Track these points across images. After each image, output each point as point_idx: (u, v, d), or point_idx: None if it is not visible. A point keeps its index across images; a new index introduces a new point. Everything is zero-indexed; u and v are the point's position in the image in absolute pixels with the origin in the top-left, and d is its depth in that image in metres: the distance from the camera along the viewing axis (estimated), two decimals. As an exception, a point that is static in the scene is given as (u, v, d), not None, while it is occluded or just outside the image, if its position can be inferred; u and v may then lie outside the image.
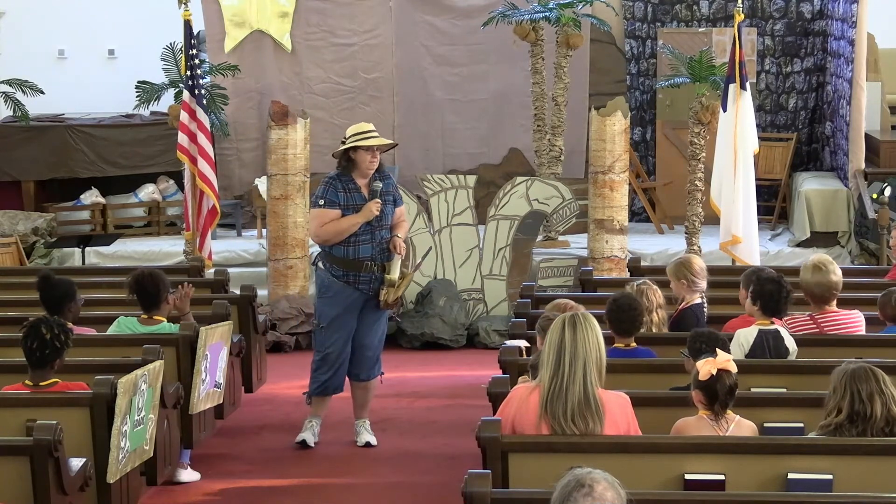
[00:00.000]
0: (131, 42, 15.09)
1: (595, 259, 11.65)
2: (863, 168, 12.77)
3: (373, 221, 8.36)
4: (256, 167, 14.03)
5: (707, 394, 5.71)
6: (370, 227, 8.37)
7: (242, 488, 7.87)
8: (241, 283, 9.77)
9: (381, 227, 8.42)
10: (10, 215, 13.03)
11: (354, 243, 8.38)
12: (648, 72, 14.53)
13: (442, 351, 11.50)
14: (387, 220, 8.45)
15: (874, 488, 5.31)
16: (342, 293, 8.44)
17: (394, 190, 8.56)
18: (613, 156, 11.58)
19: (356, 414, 8.75)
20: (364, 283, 8.42)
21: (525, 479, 5.45)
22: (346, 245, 8.39)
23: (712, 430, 5.68)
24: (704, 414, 5.73)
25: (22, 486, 5.83)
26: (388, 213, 8.46)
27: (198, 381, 7.68)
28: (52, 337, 6.39)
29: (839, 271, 7.49)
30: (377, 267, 8.40)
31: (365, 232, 8.36)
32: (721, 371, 5.68)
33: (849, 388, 5.40)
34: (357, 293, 8.43)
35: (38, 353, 6.41)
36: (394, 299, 8.42)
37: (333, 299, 8.47)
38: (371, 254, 8.39)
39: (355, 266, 8.39)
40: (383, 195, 8.44)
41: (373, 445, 8.63)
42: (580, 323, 5.49)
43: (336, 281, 8.44)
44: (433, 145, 14.50)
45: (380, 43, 14.34)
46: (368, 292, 8.44)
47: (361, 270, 8.39)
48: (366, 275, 8.40)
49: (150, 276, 7.89)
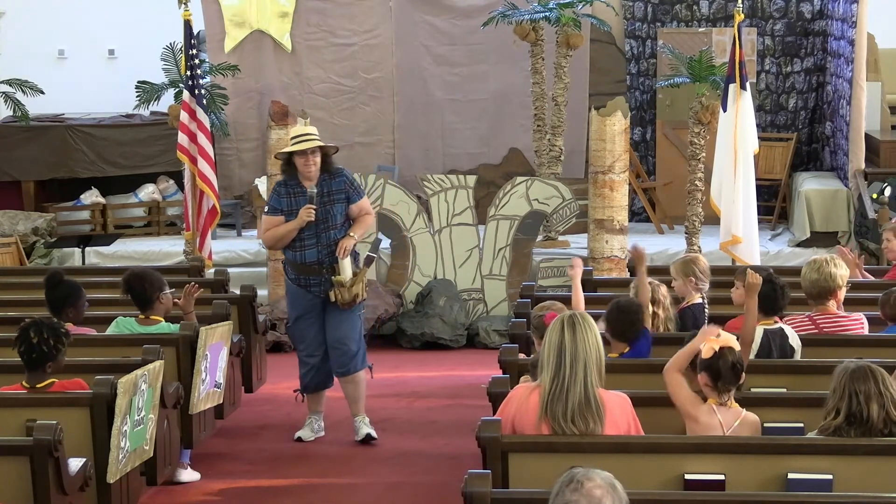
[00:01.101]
0: (131, 42, 15.10)
1: (595, 259, 11.65)
2: (863, 168, 12.77)
3: (318, 224, 8.44)
4: (256, 167, 14.03)
5: (711, 373, 5.76)
6: (315, 231, 8.46)
7: (242, 488, 7.87)
8: (241, 283, 9.77)
9: (328, 228, 8.48)
10: (10, 215, 13.03)
11: (301, 248, 8.53)
12: (648, 72, 14.54)
13: (442, 351, 11.50)
14: (334, 221, 8.49)
15: (874, 488, 5.31)
16: (298, 295, 8.64)
17: (347, 187, 8.56)
18: (613, 156, 11.58)
19: (351, 410, 8.81)
20: (315, 286, 8.55)
21: (525, 479, 5.45)
22: (294, 249, 8.56)
23: (716, 421, 5.72)
24: (713, 402, 5.78)
25: (22, 486, 5.83)
26: (336, 212, 8.49)
27: (198, 381, 7.68)
28: (39, 341, 6.36)
29: (841, 271, 7.47)
30: (326, 269, 8.49)
31: (310, 236, 8.48)
32: (723, 349, 5.75)
33: (847, 389, 5.40)
34: (310, 295, 8.58)
35: (27, 356, 6.42)
36: (350, 298, 8.47)
37: (293, 301, 8.70)
38: (317, 257, 8.50)
39: (305, 270, 8.54)
40: (328, 195, 8.48)
41: (374, 438, 8.68)
42: (579, 323, 5.49)
43: (291, 284, 8.65)
44: (433, 145, 14.50)
45: (380, 43, 14.34)
46: (320, 294, 8.55)
47: (310, 273, 8.52)
48: (315, 277, 8.52)
49: (137, 276, 7.89)
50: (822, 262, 7.49)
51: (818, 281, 7.44)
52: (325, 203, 8.48)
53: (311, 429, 8.82)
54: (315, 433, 8.82)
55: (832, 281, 7.44)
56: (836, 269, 7.45)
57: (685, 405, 5.84)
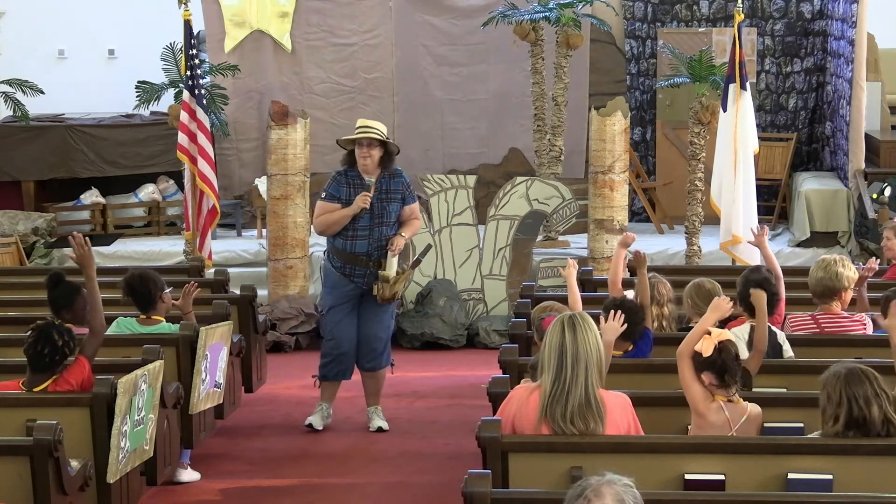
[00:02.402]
0: (131, 42, 15.09)
1: (595, 259, 11.65)
2: (863, 168, 12.77)
3: (374, 218, 8.64)
4: (256, 167, 14.03)
5: (716, 370, 5.77)
6: (369, 224, 8.67)
7: (242, 488, 7.88)
8: (241, 283, 9.78)
9: (382, 223, 8.69)
10: (10, 215, 13.03)
11: (352, 237, 8.71)
12: (648, 72, 14.54)
13: (442, 351, 11.51)
14: (388, 218, 8.70)
15: (874, 488, 5.31)
16: (339, 283, 8.80)
17: (403, 189, 8.82)
18: (613, 156, 11.59)
19: (367, 401, 9.10)
20: (359, 277, 8.74)
21: (525, 479, 5.45)
22: (345, 238, 8.72)
23: (724, 418, 5.73)
24: (721, 400, 5.79)
25: (22, 486, 5.83)
26: (391, 210, 8.72)
27: (198, 381, 7.68)
28: (63, 344, 6.42)
29: (849, 272, 7.45)
30: (373, 262, 8.67)
31: (364, 227, 8.68)
32: (723, 342, 5.77)
33: (845, 395, 5.36)
34: (352, 285, 8.76)
35: (48, 357, 6.42)
36: (390, 295, 8.69)
37: (332, 289, 8.88)
38: (367, 249, 8.70)
39: (352, 259, 8.72)
40: (386, 192, 8.71)
41: (385, 430, 8.93)
42: (579, 324, 5.49)
43: (334, 271, 8.82)
44: (433, 145, 14.49)
45: (380, 43, 14.34)
46: (363, 286, 8.74)
47: (357, 264, 8.71)
48: (361, 269, 8.72)
49: (139, 277, 7.89)
50: (829, 262, 7.49)
51: (823, 279, 7.44)
52: (381, 199, 8.72)
53: (322, 416, 9.03)
54: (324, 420, 9.04)
55: (837, 281, 7.43)
56: (842, 270, 7.44)
57: (696, 402, 5.82)
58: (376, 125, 8.75)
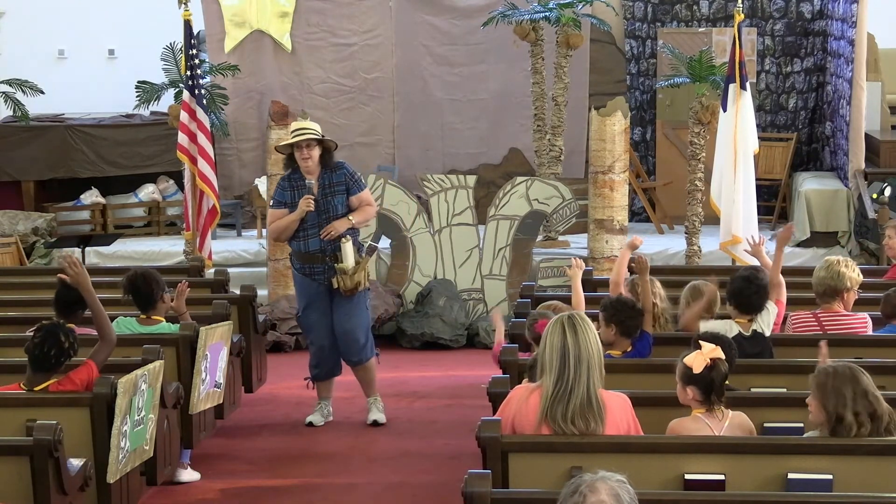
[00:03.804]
0: (131, 42, 15.10)
1: (595, 259, 11.65)
2: (863, 168, 12.77)
3: (321, 214, 8.77)
4: (256, 167, 14.03)
5: (702, 386, 5.68)
6: (318, 220, 8.79)
7: (242, 488, 7.87)
8: (241, 283, 9.80)
9: (329, 218, 8.79)
10: (10, 215, 13.03)
11: (304, 237, 8.85)
12: (648, 72, 14.54)
13: (442, 351, 11.51)
14: (335, 211, 8.81)
15: (874, 488, 5.31)
16: (304, 284, 8.96)
17: (346, 179, 8.88)
18: (613, 156, 11.58)
19: (365, 392, 9.23)
20: (319, 274, 8.88)
21: (525, 479, 5.45)
22: (298, 239, 8.88)
23: (708, 429, 5.67)
24: (699, 413, 5.71)
25: (22, 486, 5.83)
26: (336, 203, 8.80)
27: (198, 381, 7.68)
28: (69, 346, 6.43)
29: (852, 273, 7.47)
30: (329, 257, 8.80)
31: (313, 225, 8.81)
32: (715, 360, 5.69)
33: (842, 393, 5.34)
34: (315, 284, 8.88)
35: (54, 359, 6.42)
36: (352, 285, 8.79)
37: (300, 291, 9.05)
38: (320, 246, 8.83)
39: (309, 258, 8.87)
40: (329, 187, 8.79)
41: (380, 424, 9.03)
42: (579, 324, 5.48)
43: (297, 273, 8.99)
44: (433, 145, 14.50)
45: (380, 43, 14.34)
46: (324, 282, 8.86)
47: (315, 262, 8.85)
48: (319, 266, 8.85)
49: (142, 276, 7.89)
50: (833, 262, 7.51)
51: (825, 279, 7.46)
52: (326, 195, 8.80)
53: (322, 414, 9.15)
54: (325, 418, 9.15)
55: (840, 280, 7.44)
56: (846, 270, 7.46)
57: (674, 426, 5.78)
58: (311, 125, 8.85)
